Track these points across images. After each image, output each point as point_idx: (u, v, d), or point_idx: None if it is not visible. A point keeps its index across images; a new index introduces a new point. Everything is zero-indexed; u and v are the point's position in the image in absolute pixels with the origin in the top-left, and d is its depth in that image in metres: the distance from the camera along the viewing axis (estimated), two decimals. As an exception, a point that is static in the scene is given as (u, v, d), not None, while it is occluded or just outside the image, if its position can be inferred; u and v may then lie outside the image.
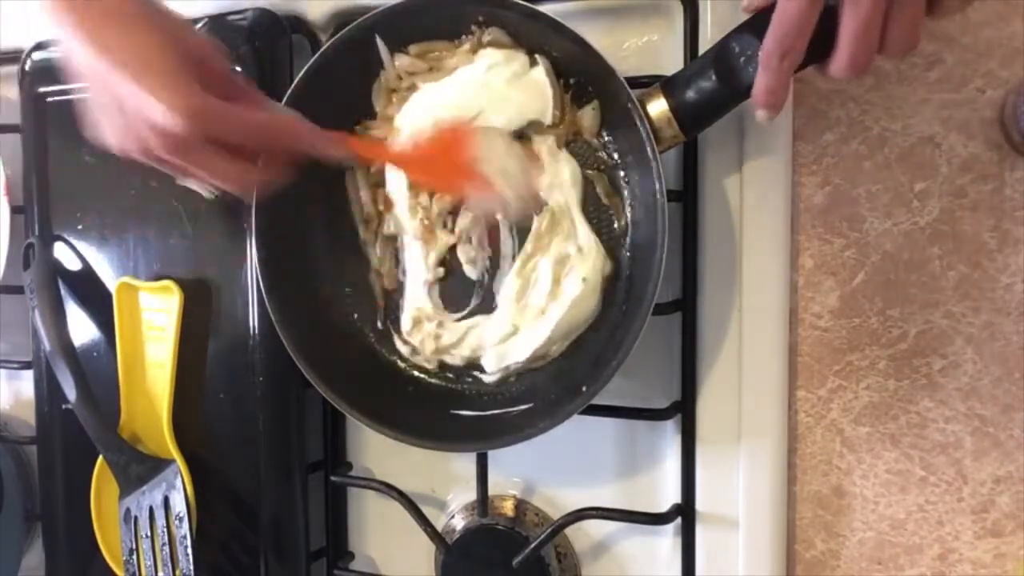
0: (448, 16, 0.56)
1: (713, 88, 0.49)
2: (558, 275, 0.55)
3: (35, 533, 0.78)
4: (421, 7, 0.55)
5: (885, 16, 0.43)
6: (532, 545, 0.59)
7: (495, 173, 0.52)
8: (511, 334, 0.57)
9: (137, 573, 0.66)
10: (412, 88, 0.58)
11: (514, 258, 0.56)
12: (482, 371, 0.59)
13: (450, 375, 0.60)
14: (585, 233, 0.55)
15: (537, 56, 0.55)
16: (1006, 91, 0.51)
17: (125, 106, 0.46)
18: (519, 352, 0.56)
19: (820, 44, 0.46)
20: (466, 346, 0.58)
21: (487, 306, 0.58)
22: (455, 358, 0.59)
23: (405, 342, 0.61)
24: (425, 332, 0.59)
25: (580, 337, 0.57)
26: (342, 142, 0.53)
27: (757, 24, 0.48)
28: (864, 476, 0.56)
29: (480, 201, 0.55)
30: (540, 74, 0.55)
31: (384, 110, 0.59)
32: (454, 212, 0.58)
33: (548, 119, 0.55)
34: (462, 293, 0.59)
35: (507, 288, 0.57)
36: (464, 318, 0.58)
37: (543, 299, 0.55)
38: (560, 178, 0.55)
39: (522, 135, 0.55)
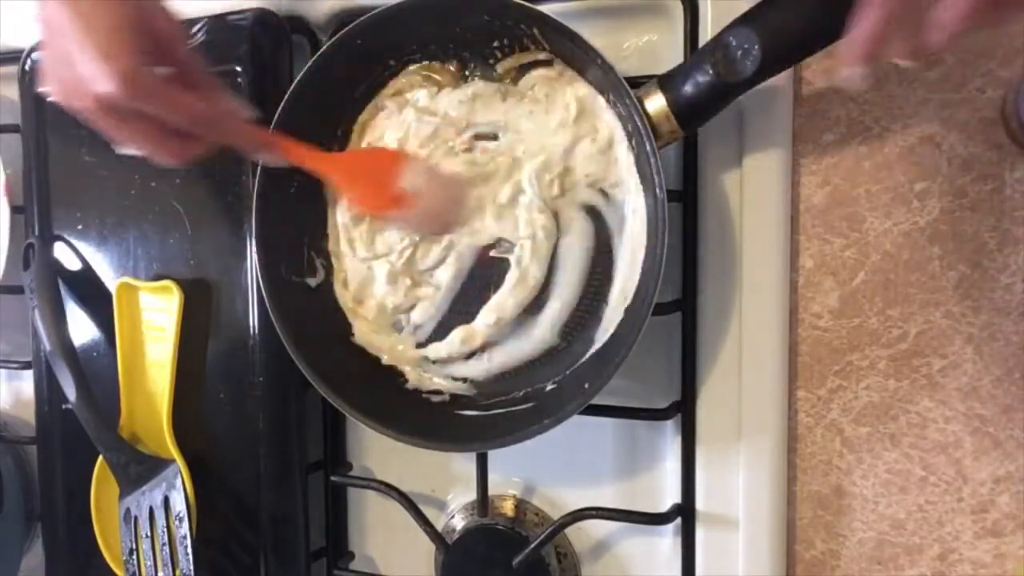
0: (448, 17, 0.56)
1: (710, 83, 0.49)
2: None
3: (35, 533, 0.78)
4: (422, 7, 0.55)
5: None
6: (532, 545, 0.59)
7: (420, 205, 0.56)
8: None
9: (137, 573, 0.66)
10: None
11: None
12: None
13: (447, 374, 0.60)
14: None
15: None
16: (1007, 88, 0.51)
17: (71, 60, 0.47)
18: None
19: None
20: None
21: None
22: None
23: (404, 341, 0.61)
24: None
25: (581, 336, 0.57)
26: (275, 145, 0.54)
27: (753, 18, 0.48)
28: (864, 476, 0.56)
29: (398, 224, 0.57)
30: None
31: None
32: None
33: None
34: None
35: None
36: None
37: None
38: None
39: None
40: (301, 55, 0.64)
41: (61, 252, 0.71)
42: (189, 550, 0.62)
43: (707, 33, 0.54)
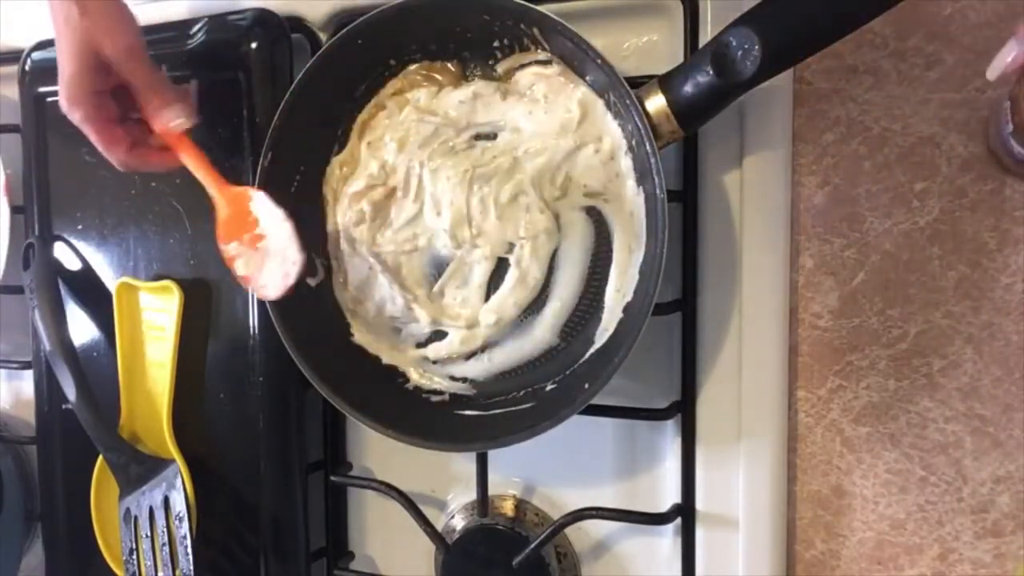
0: (448, 17, 0.56)
1: (710, 83, 0.49)
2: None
3: (35, 533, 0.78)
4: (422, 7, 0.55)
5: None
6: (532, 545, 0.59)
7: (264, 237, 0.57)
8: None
9: (137, 573, 0.66)
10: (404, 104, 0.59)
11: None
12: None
13: (447, 374, 0.60)
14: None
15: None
16: (994, 97, 0.51)
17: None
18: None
19: None
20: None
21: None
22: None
23: (404, 341, 0.61)
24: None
25: (580, 336, 0.57)
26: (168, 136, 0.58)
27: (753, 18, 0.48)
28: (864, 476, 0.56)
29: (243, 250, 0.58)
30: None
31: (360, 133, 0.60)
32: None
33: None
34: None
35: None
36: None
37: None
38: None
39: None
40: (301, 55, 0.64)
41: (61, 252, 0.71)
42: (189, 550, 0.62)
43: (707, 33, 0.54)
